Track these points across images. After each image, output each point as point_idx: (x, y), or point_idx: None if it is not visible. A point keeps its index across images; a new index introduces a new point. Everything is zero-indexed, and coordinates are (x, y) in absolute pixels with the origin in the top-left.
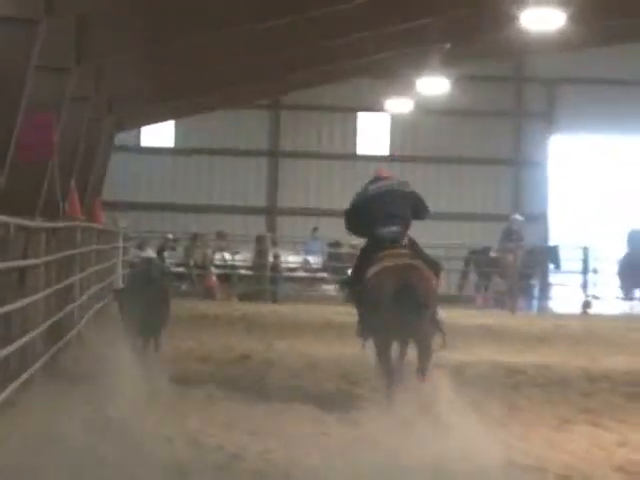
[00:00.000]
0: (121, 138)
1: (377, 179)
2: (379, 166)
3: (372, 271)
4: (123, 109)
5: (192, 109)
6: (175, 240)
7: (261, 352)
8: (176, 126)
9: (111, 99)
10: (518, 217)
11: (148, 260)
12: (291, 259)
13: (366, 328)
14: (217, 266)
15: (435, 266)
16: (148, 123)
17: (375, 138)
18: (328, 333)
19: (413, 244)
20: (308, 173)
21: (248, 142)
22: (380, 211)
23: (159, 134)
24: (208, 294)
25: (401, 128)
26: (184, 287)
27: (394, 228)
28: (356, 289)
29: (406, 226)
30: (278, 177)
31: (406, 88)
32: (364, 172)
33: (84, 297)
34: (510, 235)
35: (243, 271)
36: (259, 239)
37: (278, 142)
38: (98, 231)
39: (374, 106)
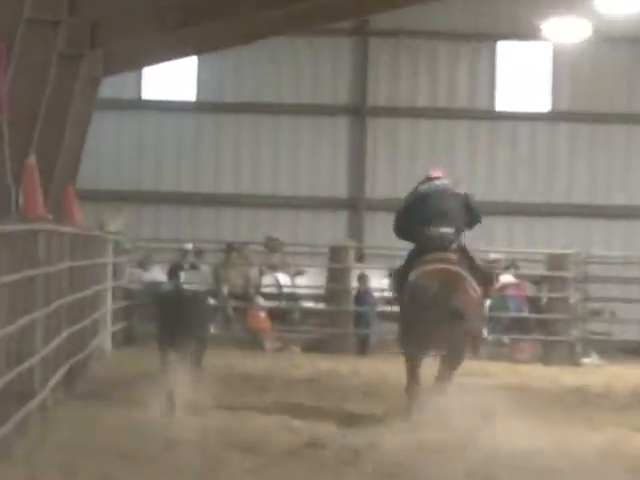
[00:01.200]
0: (110, 88)
1: (428, 179)
2: (434, 165)
3: (412, 275)
4: (111, 40)
5: (224, 38)
6: (198, 253)
7: (340, 437)
8: (200, 68)
9: (93, 24)
10: None
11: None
12: (386, 284)
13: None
14: (267, 296)
15: (485, 276)
16: (153, 63)
17: (527, 84)
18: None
19: (463, 250)
20: (413, 142)
21: (316, 93)
22: (430, 210)
23: (172, 82)
24: (252, 341)
25: (570, 68)
26: (213, 329)
27: (445, 229)
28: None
29: (458, 228)
30: (365, 149)
31: (577, 3)
32: (508, 141)
33: (47, 349)
34: None
35: (310, 304)
36: (336, 252)
37: (365, 93)
38: (73, 238)
39: (524, 32)
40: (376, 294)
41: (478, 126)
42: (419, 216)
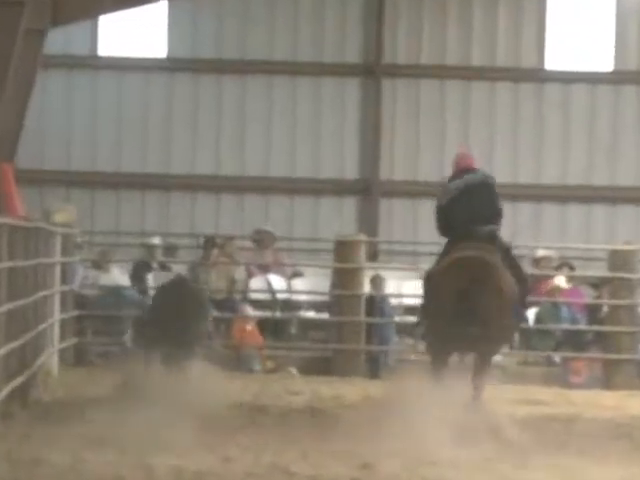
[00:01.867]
0: (59, 42)
1: (458, 172)
2: (460, 151)
3: (439, 265)
4: None
5: None
6: (170, 250)
7: None
8: (172, 19)
9: None
10: None
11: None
12: (406, 288)
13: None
14: (257, 303)
15: (520, 275)
16: (111, 10)
17: (583, 39)
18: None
19: (505, 248)
20: (442, 111)
21: (318, 49)
22: (466, 213)
23: (137, 34)
24: (239, 360)
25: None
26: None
27: (485, 228)
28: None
29: (497, 223)
30: (381, 120)
31: None
32: (559, 108)
33: None
34: None
35: (311, 313)
36: (343, 248)
37: (381, 49)
38: (11, 232)
39: None
40: (393, 301)
41: (523, 89)
42: (454, 220)
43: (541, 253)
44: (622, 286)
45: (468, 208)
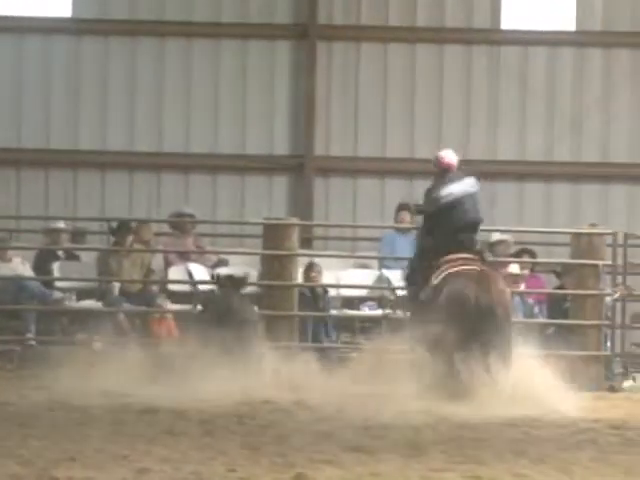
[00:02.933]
0: None
1: (445, 173)
2: (442, 153)
3: (439, 277)
4: None
5: None
6: (77, 235)
7: None
8: None
9: None
10: None
11: None
12: (345, 277)
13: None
14: (177, 295)
15: None
16: None
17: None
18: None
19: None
20: (385, 77)
21: (244, 8)
22: (455, 225)
23: None
24: (154, 358)
25: None
26: (99, 343)
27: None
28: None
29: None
30: (315, 87)
31: None
32: (517, 73)
33: None
34: None
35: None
36: (272, 232)
37: (315, 8)
38: None
39: None
40: (331, 293)
41: (476, 52)
42: (442, 228)
43: (496, 237)
44: (588, 274)
45: (456, 218)
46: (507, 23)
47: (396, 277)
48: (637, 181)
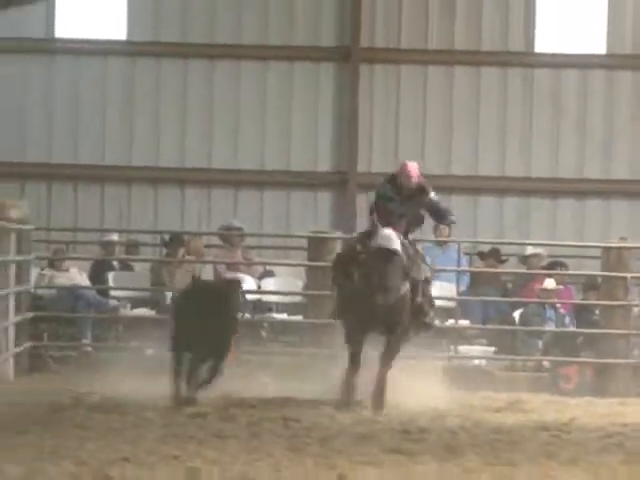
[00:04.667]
0: (11, 25)
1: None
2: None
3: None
4: None
5: None
6: (131, 247)
7: None
8: (131, 5)
9: None
10: None
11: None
12: None
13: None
14: None
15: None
16: None
17: (575, 21)
18: (464, 446)
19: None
20: (424, 98)
21: (290, 33)
22: None
23: (94, 16)
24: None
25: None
26: (152, 350)
27: None
28: None
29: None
30: (358, 107)
31: None
32: (549, 93)
33: None
34: None
35: (284, 315)
36: (317, 244)
37: (358, 32)
38: None
39: None
40: None
41: (511, 74)
42: None
43: (530, 251)
44: (617, 286)
45: None
46: (540, 46)
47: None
48: None
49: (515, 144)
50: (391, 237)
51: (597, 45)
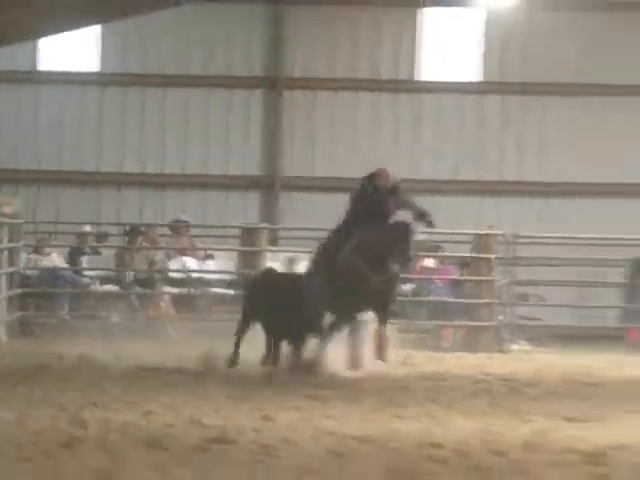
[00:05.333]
0: (2, 59)
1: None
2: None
3: None
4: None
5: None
6: (100, 236)
7: (252, 431)
8: (104, 38)
9: None
10: None
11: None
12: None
13: None
14: (173, 281)
15: None
16: (50, 33)
17: (453, 54)
18: (365, 395)
19: None
20: (333, 117)
21: (226, 65)
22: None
23: (72, 52)
24: (157, 330)
25: (502, 35)
26: (116, 318)
27: None
28: None
29: None
30: (281, 123)
31: None
32: (433, 113)
33: None
34: None
35: (221, 290)
36: (248, 234)
37: (281, 64)
38: None
39: None
40: None
41: (401, 98)
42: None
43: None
44: (484, 265)
45: None
46: (425, 75)
47: None
48: (525, 194)
49: (404, 153)
50: (405, 216)
51: (472, 73)
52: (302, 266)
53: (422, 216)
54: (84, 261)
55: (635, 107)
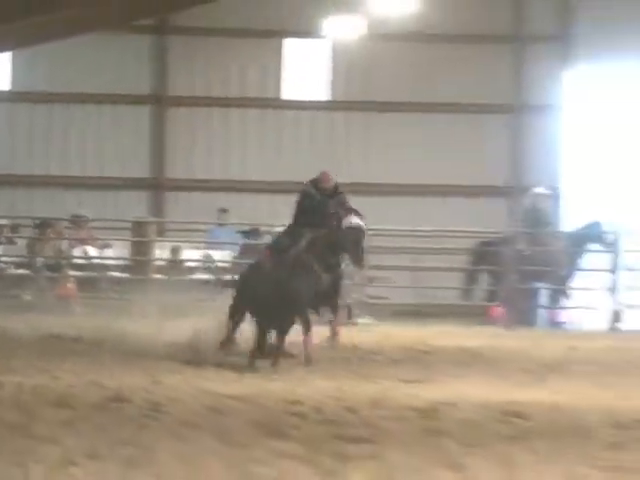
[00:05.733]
0: None
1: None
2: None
3: None
4: None
5: (34, 35)
6: (14, 228)
7: (142, 391)
8: (14, 61)
9: None
10: (542, 190)
11: None
12: (187, 255)
13: None
14: (76, 266)
15: None
16: None
17: (309, 76)
18: (239, 361)
19: None
20: (210, 129)
21: (120, 84)
22: None
23: None
24: (63, 307)
25: (347, 62)
26: (28, 297)
27: None
28: None
29: None
30: (165, 134)
31: (354, 1)
32: (293, 126)
33: None
34: (536, 218)
35: (116, 273)
36: (138, 227)
37: (166, 84)
38: None
39: (307, 29)
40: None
41: (267, 114)
42: None
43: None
44: None
45: None
46: (286, 94)
47: (217, 255)
48: (373, 194)
49: (269, 159)
50: (359, 219)
51: (323, 93)
52: (186, 254)
53: (358, 215)
54: (1, 249)
55: (453, 122)
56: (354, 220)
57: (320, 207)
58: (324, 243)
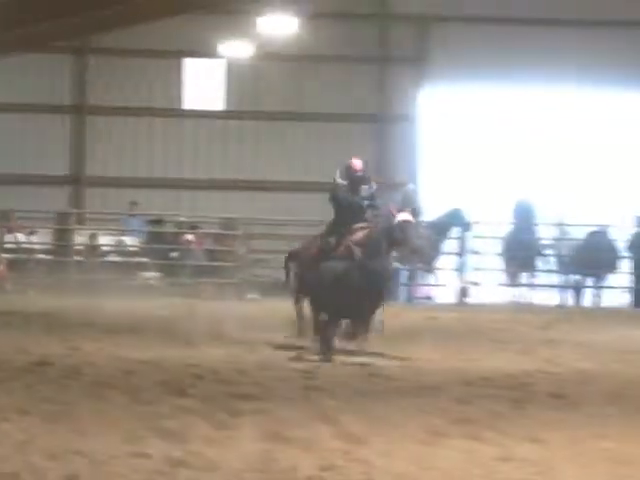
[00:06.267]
0: None
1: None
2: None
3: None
4: None
5: None
6: None
7: (64, 356)
8: None
9: None
10: (412, 186)
11: None
12: (103, 240)
13: None
14: (7, 250)
15: None
16: None
17: (207, 90)
18: (146, 332)
19: None
20: (123, 134)
21: (45, 95)
22: None
23: None
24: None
25: (239, 78)
26: None
27: None
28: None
29: None
30: (85, 139)
31: (245, 27)
32: (193, 132)
33: None
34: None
35: (42, 256)
36: (61, 217)
37: (85, 95)
38: None
39: (205, 50)
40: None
41: (171, 121)
42: None
43: (181, 219)
44: (229, 239)
45: None
46: (187, 104)
47: (129, 241)
48: (257, 189)
49: (172, 159)
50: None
51: (219, 104)
52: (101, 240)
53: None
54: None
55: (327, 129)
56: (404, 216)
57: (355, 204)
58: (383, 239)
